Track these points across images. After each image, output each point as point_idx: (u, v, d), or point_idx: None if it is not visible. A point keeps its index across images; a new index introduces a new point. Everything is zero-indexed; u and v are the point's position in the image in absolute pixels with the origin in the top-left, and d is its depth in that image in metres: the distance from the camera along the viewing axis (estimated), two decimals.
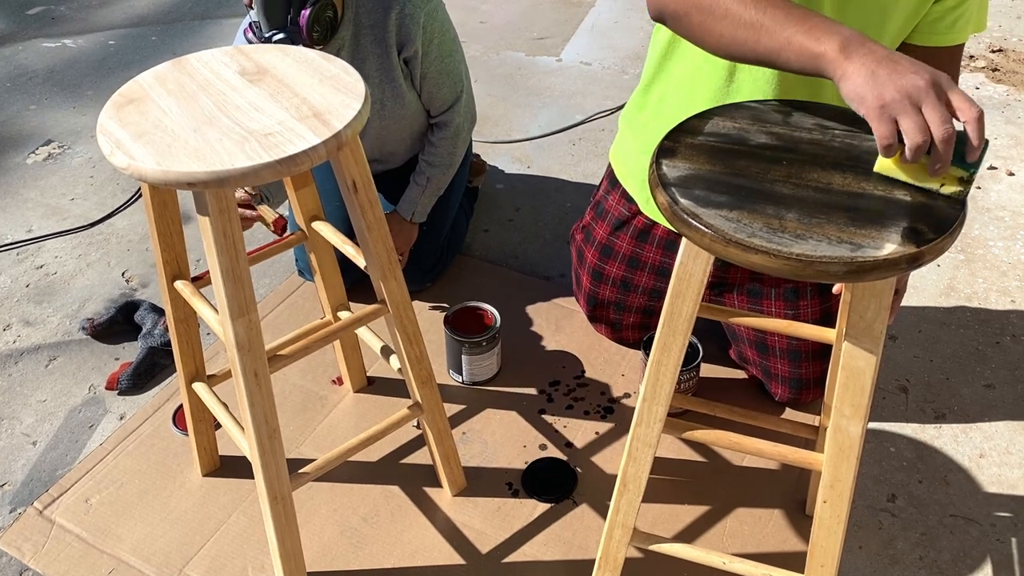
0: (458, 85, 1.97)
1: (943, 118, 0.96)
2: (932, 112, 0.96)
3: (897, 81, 0.98)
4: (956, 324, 2.05)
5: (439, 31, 1.87)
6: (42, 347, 2.05)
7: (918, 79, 0.97)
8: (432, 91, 1.95)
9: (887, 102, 0.97)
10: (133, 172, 1.09)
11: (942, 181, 1.01)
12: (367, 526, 1.64)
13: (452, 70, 1.94)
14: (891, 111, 0.97)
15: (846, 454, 1.11)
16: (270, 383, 1.29)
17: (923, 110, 0.97)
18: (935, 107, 0.96)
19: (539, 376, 1.94)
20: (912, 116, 0.96)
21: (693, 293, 1.10)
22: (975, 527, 1.63)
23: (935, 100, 0.96)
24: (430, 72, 1.91)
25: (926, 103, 0.96)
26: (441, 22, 1.88)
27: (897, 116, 0.97)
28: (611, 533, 1.32)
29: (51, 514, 1.67)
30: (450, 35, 1.92)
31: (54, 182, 2.61)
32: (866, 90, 0.99)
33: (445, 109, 1.98)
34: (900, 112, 0.97)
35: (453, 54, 1.93)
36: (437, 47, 1.88)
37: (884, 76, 0.98)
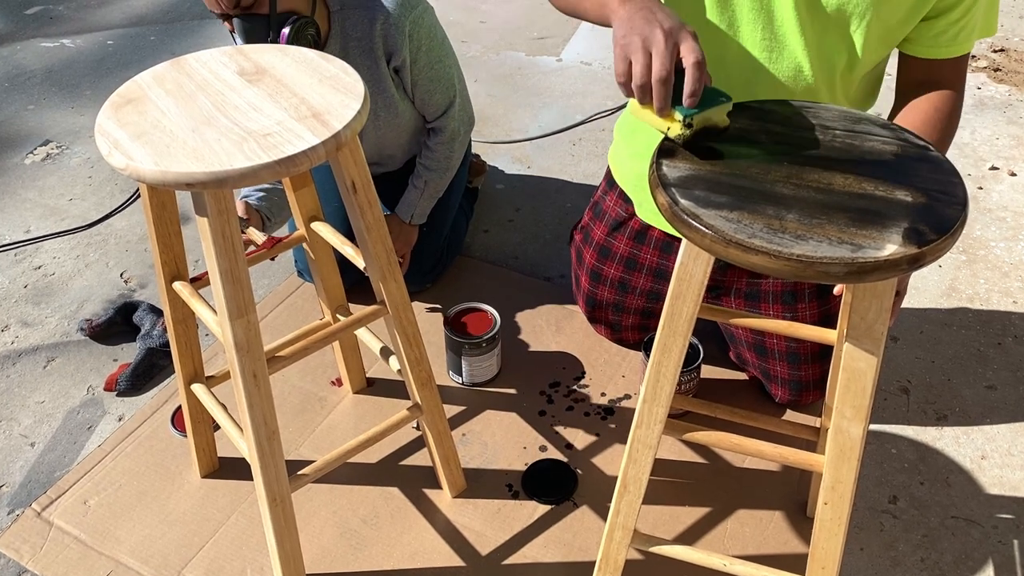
0: (450, 90, 1.96)
1: (663, 61, 1.06)
2: (657, 56, 1.06)
3: (642, 26, 1.09)
4: (958, 325, 2.05)
5: (426, 37, 1.86)
6: (40, 348, 2.05)
7: (657, 28, 1.08)
8: (424, 98, 1.94)
9: (626, 44, 1.09)
10: (131, 173, 1.09)
11: (668, 124, 1.09)
12: (367, 528, 1.64)
13: (443, 76, 1.93)
14: (627, 51, 1.09)
15: (847, 456, 1.11)
16: (269, 384, 1.29)
17: (652, 54, 1.07)
18: (661, 52, 1.06)
19: (539, 377, 1.94)
20: (640, 58, 1.07)
21: (693, 294, 1.10)
22: (977, 529, 1.63)
23: (663, 45, 1.06)
24: (420, 79, 1.90)
25: (655, 48, 1.06)
26: (428, 28, 1.86)
27: (630, 56, 1.08)
28: (611, 535, 1.32)
29: (49, 516, 1.67)
30: (438, 40, 1.90)
31: (52, 182, 2.61)
32: (618, 31, 1.12)
33: (439, 115, 1.98)
34: (632, 52, 1.08)
35: (443, 59, 1.92)
36: (426, 54, 1.87)
37: (638, 20, 1.10)
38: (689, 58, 1.06)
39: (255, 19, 1.66)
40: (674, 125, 1.08)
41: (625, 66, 1.09)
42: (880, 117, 1.16)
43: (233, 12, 1.65)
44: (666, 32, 1.07)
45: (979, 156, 2.62)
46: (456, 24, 3.46)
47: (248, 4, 1.64)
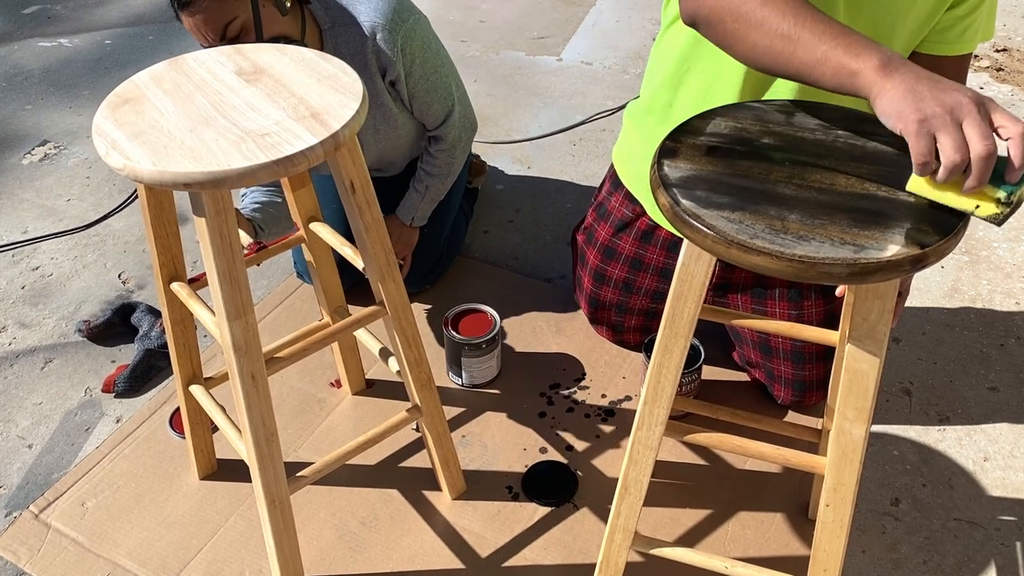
0: (448, 100, 1.94)
1: (983, 133, 0.93)
2: (973, 128, 0.93)
3: (939, 96, 0.95)
4: (960, 326, 2.05)
5: (420, 50, 1.85)
6: (38, 349, 2.05)
7: (961, 95, 0.94)
8: (422, 109, 1.93)
9: (927, 116, 0.94)
10: (129, 173, 1.09)
11: (977, 203, 0.97)
12: (366, 530, 1.64)
13: (440, 86, 1.92)
14: (930, 126, 0.94)
15: (849, 457, 1.11)
16: (267, 386, 1.29)
17: (964, 126, 0.94)
18: (977, 123, 0.93)
19: (539, 379, 1.93)
20: (952, 132, 0.93)
21: (695, 295, 1.10)
22: (979, 531, 1.63)
23: (977, 116, 0.93)
24: (417, 91, 1.89)
25: (968, 119, 0.94)
26: (421, 40, 1.85)
27: (936, 132, 0.94)
28: (612, 537, 1.32)
29: (47, 518, 1.67)
30: (433, 50, 1.89)
31: (50, 183, 2.61)
32: (905, 104, 0.96)
33: (439, 123, 1.97)
34: (940, 128, 0.94)
35: (439, 70, 1.91)
36: (420, 66, 1.86)
37: (925, 91, 0.96)
38: (1016, 129, 0.94)
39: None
40: (987, 203, 0.96)
41: (929, 143, 0.94)
42: None
43: (221, 44, 1.64)
44: (973, 100, 0.94)
45: None
46: (455, 23, 3.46)
47: (234, 35, 1.63)
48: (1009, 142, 0.95)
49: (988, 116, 0.95)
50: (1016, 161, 0.94)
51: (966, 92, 0.95)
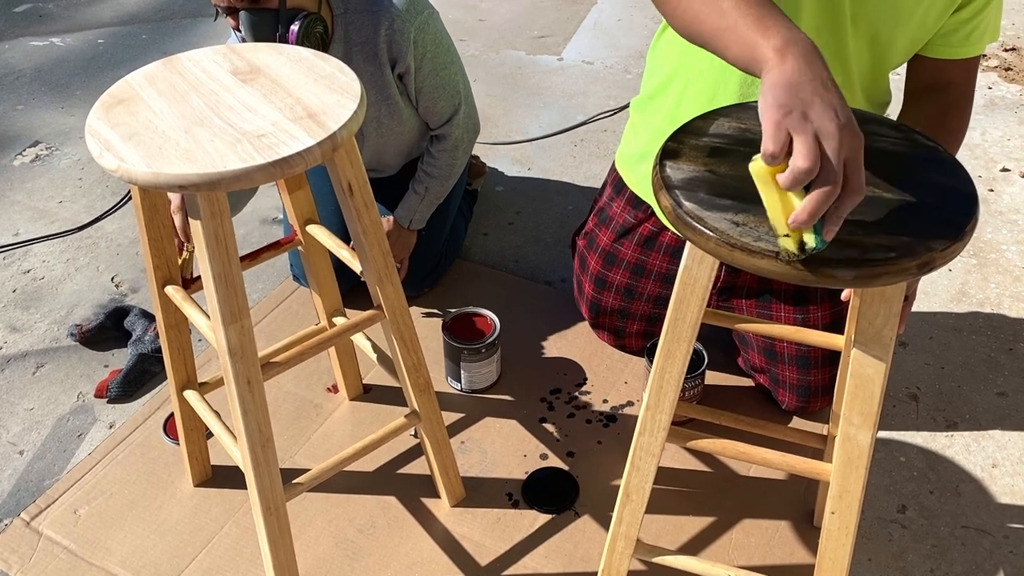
0: (455, 98, 1.95)
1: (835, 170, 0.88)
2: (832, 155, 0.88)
3: (811, 102, 0.90)
4: (968, 330, 2.05)
5: (432, 44, 1.86)
6: (29, 354, 2.05)
7: (831, 121, 0.89)
8: (428, 105, 1.94)
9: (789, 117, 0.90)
10: (123, 174, 1.09)
11: (788, 231, 0.92)
12: (363, 538, 1.64)
13: (448, 83, 1.93)
14: (788, 125, 0.90)
15: (855, 464, 1.11)
16: (263, 391, 1.29)
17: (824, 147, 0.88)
18: (834, 153, 0.88)
19: (540, 384, 1.94)
20: (808, 139, 0.88)
21: (698, 299, 1.10)
22: (987, 539, 1.63)
23: (837, 145, 0.88)
24: (425, 86, 1.90)
25: (828, 144, 0.88)
26: (434, 34, 1.86)
27: (794, 134, 0.89)
28: (614, 545, 1.32)
29: (38, 525, 1.67)
30: (444, 46, 1.90)
31: (42, 184, 2.61)
32: (779, 94, 0.92)
33: (444, 122, 1.98)
34: (798, 132, 0.89)
35: (448, 66, 1.92)
36: (431, 61, 1.87)
37: (806, 94, 0.91)
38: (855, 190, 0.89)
39: (263, 13, 1.66)
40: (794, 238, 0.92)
41: (783, 138, 0.89)
42: (889, 118, 1.17)
43: (240, 5, 1.64)
44: (843, 128, 0.89)
45: (990, 157, 2.62)
46: (455, 22, 3.47)
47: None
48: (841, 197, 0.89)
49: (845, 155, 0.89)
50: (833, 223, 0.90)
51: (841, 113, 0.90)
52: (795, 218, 0.89)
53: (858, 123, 1.13)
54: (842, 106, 0.91)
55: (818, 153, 0.88)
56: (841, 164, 0.88)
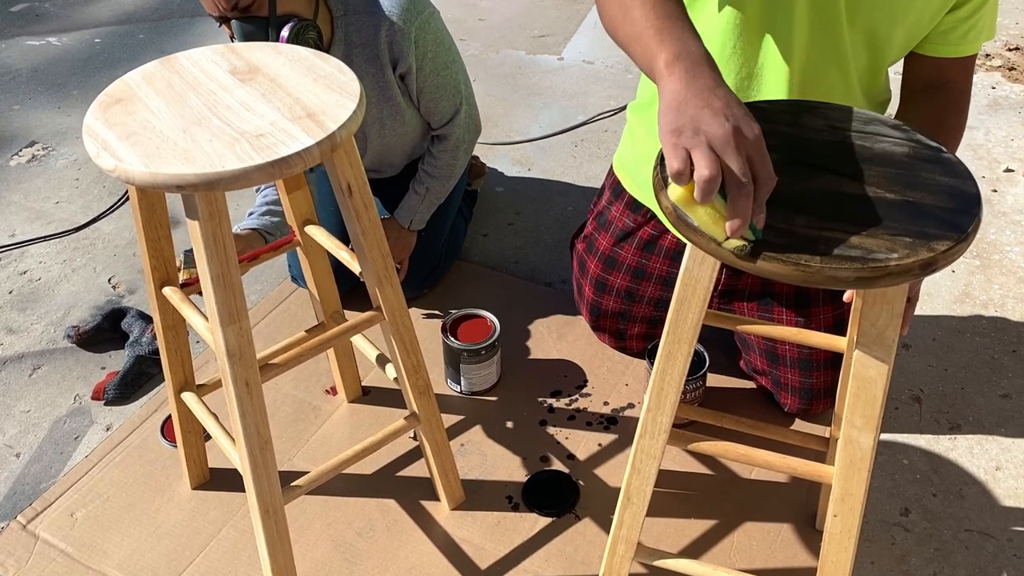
0: (456, 97, 1.96)
1: (742, 171, 0.93)
2: (733, 164, 0.93)
3: (698, 120, 0.95)
4: (971, 332, 2.06)
5: (433, 44, 1.86)
6: (26, 355, 2.05)
7: (719, 128, 0.94)
8: (430, 105, 1.94)
9: (680, 137, 0.95)
10: (120, 174, 1.09)
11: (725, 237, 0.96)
12: (362, 541, 1.64)
13: (449, 83, 1.93)
14: (684, 143, 0.94)
15: (857, 467, 1.11)
16: (262, 393, 1.29)
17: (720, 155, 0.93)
18: (734, 160, 0.93)
19: (540, 386, 1.94)
20: (703, 151, 0.93)
21: (699, 300, 1.10)
22: (991, 542, 1.63)
23: (734, 151, 0.93)
24: (426, 86, 1.90)
25: (725, 150, 0.93)
26: (435, 33, 1.86)
27: (688, 150, 0.94)
28: (614, 548, 1.32)
29: (35, 528, 1.67)
30: (445, 46, 1.90)
31: (38, 185, 2.61)
32: (667, 116, 0.97)
33: (445, 122, 1.98)
34: (691, 146, 0.94)
35: (450, 66, 1.92)
36: (432, 60, 1.87)
37: (692, 108, 0.96)
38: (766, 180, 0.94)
39: (254, 22, 1.66)
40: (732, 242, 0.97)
41: (683, 156, 0.94)
42: (891, 118, 1.17)
43: (231, 14, 1.65)
44: (734, 130, 0.94)
45: (993, 158, 2.62)
46: (454, 22, 3.47)
47: (247, 5, 1.64)
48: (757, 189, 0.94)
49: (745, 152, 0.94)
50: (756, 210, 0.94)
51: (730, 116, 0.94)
52: (730, 229, 0.94)
53: (861, 123, 1.14)
54: (730, 107, 0.96)
55: (716, 160, 0.92)
56: (743, 162, 0.93)
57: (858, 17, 1.42)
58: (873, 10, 1.41)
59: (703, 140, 0.93)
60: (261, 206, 1.96)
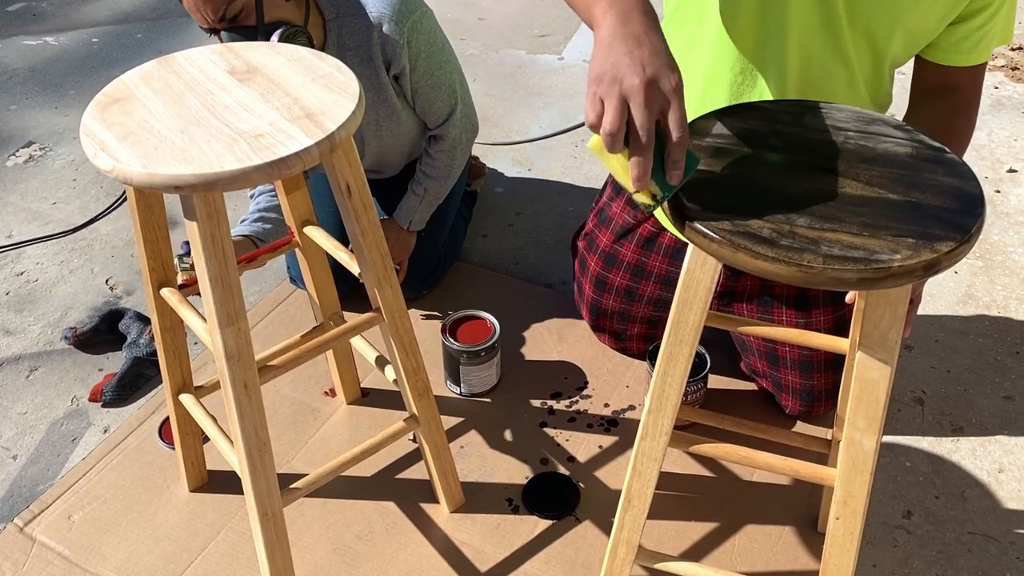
0: (451, 97, 1.95)
1: (643, 125, 0.96)
2: (636, 114, 0.97)
3: (619, 65, 0.98)
4: (974, 333, 2.06)
5: (426, 44, 1.86)
6: (23, 357, 2.05)
7: (637, 74, 0.97)
8: (425, 106, 1.94)
9: (599, 85, 0.98)
10: (118, 175, 1.09)
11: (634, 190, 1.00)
12: (361, 544, 1.64)
13: (444, 83, 1.93)
14: (600, 93, 0.98)
15: (859, 469, 1.11)
16: (260, 394, 1.29)
17: (630, 107, 0.97)
18: (639, 110, 0.96)
19: (540, 387, 1.94)
20: (613, 104, 0.97)
21: (700, 301, 1.10)
22: (994, 545, 1.63)
23: (642, 101, 0.96)
24: (420, 87, 1.90)
25: (633, 101, 0.97)
26: (428, 33, 1.86)
27: (604, 99, 0.98)
28: (615, 551, 1.32)
29: (32, 531, 1.67)
30: (439, 45, 1.90)
31: (35, 185, 2.61)
32: (594, 60, 1.01)
33: (441, 122, 1.98)
34: (606, 96, 0.97)
35: (444, 66, 1.92)
36: (425, 61, 1.87)
37: (616, 55, 0.99)
38: (675, 131, 0.98)
39: (243, 31, 1.66)
40: (642, 195, 1.02)
41: (596, 107, 0.99)
42: (895, 118, 1.17)
43: (220, 25, 1.65)
44: (647, 83, 0.97)
45: (996, 158, 2.62)
46: (454, 21, 3.47)
47: (234, 15, 1.64)
48: (668, 145, 0.98)
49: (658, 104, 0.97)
50: (670, 164, 0.99)
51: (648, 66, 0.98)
52: (633, 181, 0.99)
53: (864, 124, 1.14)
54: (652, 56, 0.99)
55: (620, 117, 0.96)
56: (647, 116, 0.96)
57: (857, 17, 1.42)
58: (871, 11, 1.41)
59: (617, 91, 0.97)
60: (253, 213, 1.96)
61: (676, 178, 1.00)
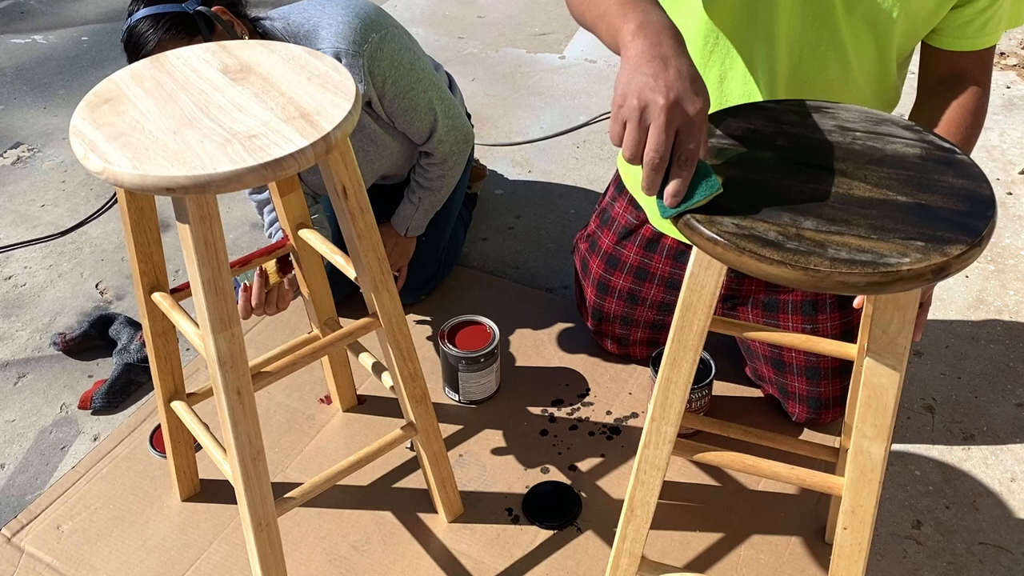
0: (429, 115, 1.92)
1: (656, 147, 1.00)
2: (652, 137, 1.01)
3: (644, 87, 1.02)
4: (986, 339, 2.06)
5: (390, 69, 1.82)
6: (10, 363, 2.05)
7: (661, 95, 1.00)
8: (404, 127, 1.92)
9: (623, 105, 1.03)
10: (108, 176, 1.09)
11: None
12: (357, 554, 1.64)
13: (418, 104, 1.89)
14: (623, 115, 1.03)
15: (868, 478, 1.11)
16: (254, 402, 1.29)
17: (649, 128, 1.01)
18: (656, 134, 1.00)
19: (541, 394, 1.94)
20: (633, 129, 1.02)
21: (705, 306, 1.10)
22: (1006, 556, 1.63)
23: (661, 125, 1.00)
24: (394, 110, 1.88)
25: (653, 124, 1.01)
26: (391, 58, 1.82)
27: (627, 121, 1.02)
28: (618, 562, 1.32)
29: (20, 542, 1.67)
30: (406, 67, 1.85)
31: (23, 187, 2.62)
32: (620, 83, 1.04)
33: (424, 140, 1.95)
34: (628, 119, 1.02)
35: (415, 86, 1.87)
36: (393, 86, 1.84)
37: (642, 77, 1.02)
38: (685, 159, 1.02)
39: None
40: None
41: (620, 129, 1.04)
42: (903, 118, 1.17)
43: None
44: (669, 106, 1.00)
45: (1008, 159, 2.63)
46: (452, 19, 3.47)
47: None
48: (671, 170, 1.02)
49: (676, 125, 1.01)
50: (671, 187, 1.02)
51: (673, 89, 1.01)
52: (642, 188, 1.04)
53: (872, 124, 1.14)
54: (679, 78, 1.02)
55: (639, 142, 1.02)
56: (661, 141, 1.00)
57: (856, 4, 1.42)
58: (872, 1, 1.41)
59: (638, 116, 1.01)
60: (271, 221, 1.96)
61: (671, 202, 1.03)
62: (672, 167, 1.02)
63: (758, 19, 1.45)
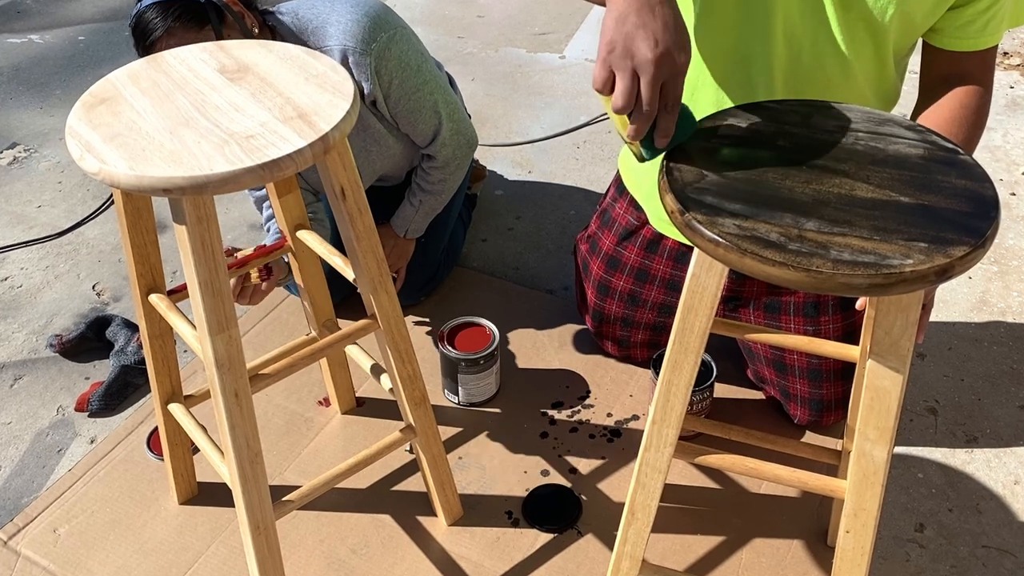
0: (434, 118, 1.92)
1: (649, 99, 1.05)
2: (644, 87, 1.05)
3: (632, 38, 1.05)
4: (989, 341, 2.06)
5: (397, 69, 1.82)
6: (7, 365, 2.05)
7: (649, 48, 1.04)
8: (408, 128, 1.92)
9: (611, 54, 1.06)
10: (105, 177, 1.09)
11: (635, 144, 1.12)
12: (356, 558, 1.64)
13: (423, 106, 1.89)
14: (610, 63, 1.06)
15: (870, 481, 1.11)
16: (252, 404, 1.29)
17: (640, 81, 1.05)
18: (647, 85, 1.04)
19: (541, 397, 1.94)
20: (625, 79, 1.05)
21: (706, 307, 1.10)
22: (1009, 559, 1.63)
23: (650, 77, 1.04)
24: (399, 112, 1.88)
25: (643, 75, 1.04)
26: (398, 58, 1.82)
27: (615, 71, 1.06)
28: (618, 566, 1.32)
29: (16, 545, 1.67)
30: (413, 68, 1.85)
31: (19, 188, 2.61)
32: (606, 30, 1.07)
33: (428, 143, 1.95)
34: (617, 68, 1.05)
35: (421, 88, 1.87)
36: (399, 87, 1.84)
37: (630, 27, 1.05)
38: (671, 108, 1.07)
39: None
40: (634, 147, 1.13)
41: (606, 76, 1.07)
42: (906, 118, 1.17)
43: None
44: (658, 58, 1.04)
45: (1011, 160, 2.63)
46: (452, 19, 3.47)
47: None
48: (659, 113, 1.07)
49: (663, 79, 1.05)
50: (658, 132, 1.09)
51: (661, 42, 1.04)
52: (628, 134, 1.09)
53: (874, 124, 1.14)
54: (665, 29, 1.06)
55: (632, 92, 1.05)
56: (653, 92, 1.05)
57: (854, 3, 1.42)
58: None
59: (629, 65, 1.04)
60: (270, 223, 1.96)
61: (662, 143, 1.09)
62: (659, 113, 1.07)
63: (755, 16, 1.45)
